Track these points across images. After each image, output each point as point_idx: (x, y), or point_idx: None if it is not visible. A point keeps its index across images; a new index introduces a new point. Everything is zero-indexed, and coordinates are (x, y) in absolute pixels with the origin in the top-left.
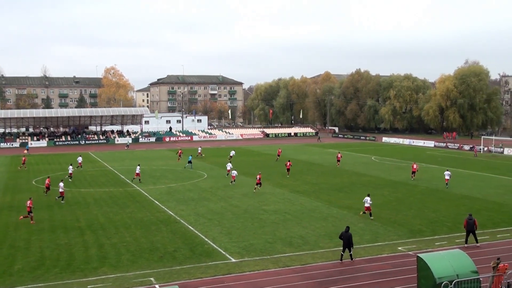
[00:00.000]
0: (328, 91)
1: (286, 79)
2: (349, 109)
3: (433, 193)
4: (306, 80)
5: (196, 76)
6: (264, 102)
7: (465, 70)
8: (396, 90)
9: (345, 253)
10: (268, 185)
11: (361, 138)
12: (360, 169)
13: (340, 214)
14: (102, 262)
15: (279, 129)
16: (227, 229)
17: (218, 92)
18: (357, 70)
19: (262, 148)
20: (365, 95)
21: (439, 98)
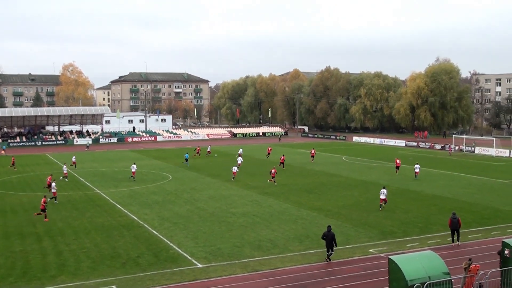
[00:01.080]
0: (297, 89)
1: (254, 76)
2: (319, 108)
3: (404, 193)
4: (275, 77)
5: (160, 73)
6: (231, 100)
7: (436, 67)
8: (367, 88)
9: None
10: (236, 187)
11: (331, 137)
12: (330, 169)
13: (310, 216)
14: (60, 270)
15: (247, 128)
16: (193, 233)
17: (183, 91)
18: (327, 68)
19: (229, 149)
20: (335, 94)
21: (410, 96)
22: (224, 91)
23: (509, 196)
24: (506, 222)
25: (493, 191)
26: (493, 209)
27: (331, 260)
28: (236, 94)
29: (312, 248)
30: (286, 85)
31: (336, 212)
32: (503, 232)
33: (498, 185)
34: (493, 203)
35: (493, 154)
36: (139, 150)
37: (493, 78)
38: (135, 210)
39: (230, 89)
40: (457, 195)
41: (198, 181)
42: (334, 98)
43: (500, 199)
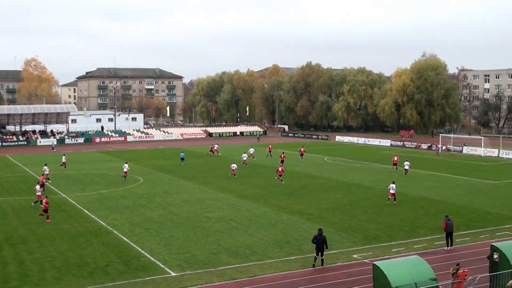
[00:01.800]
0: (276, 85)
1: (230, 72)
2: (300, 106)
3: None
4: (253, 73)
5: (130, 69)
6: (207, 98)
7: (422, 63)
8: (350, 85)
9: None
10: (212, 190)
11: (312, 137)
12: (311, 171)
13: (291, 220)
14: (23, 280)
15: (224, 127)
16: (166, 240)
17: (155, 87)
18: (308, 63)
19: (205, 149)
20: (316, 91)
21: (395, 93)
22: (199, 88)
23: (498, 198)
24: (495, 225)
25: (481, 193)
26: (481, 211)
27: (322, 265)
28: (212, 91)
29: (293, 254)
30: (265, 81)
31: (318, 215)
32: (492, 235)
33: (487, 187)
34: (481, 205)
35: (482, 154)
36: (107, 151)
37: (481, 74)
38: (103, 216)
39: (206, 86)
40: (445, 197)
41: (172, 184)
42: (316, 95)
43: (489, 201)
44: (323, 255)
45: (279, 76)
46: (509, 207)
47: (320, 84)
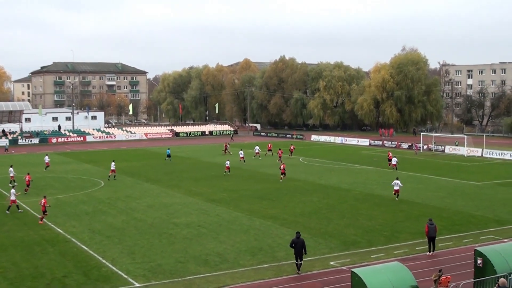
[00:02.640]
0: (248, 81)
1: (199, 67)
2: (273, 103)
3: (368, 198)
4: (223, 68)
5: (89, 63)
6: (173, 94)
7: (402, 58)
8: (326, 81)
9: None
10: (179, 194)
11: (287, 136)
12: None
13: (264, 225)
14: None
15: (191, 126)
16: (130, 248)
17: (117, 83)
18: (281, 58)
19: (171, 150)
20: (291, 87)
21: (374, 89)
22: (164, 84)
23: (482, 200)
24: (479, 229)
25: (465, 195)
26: (465, 214)
27: (298, 272)
28: (178, 87)
29: (266, 262)
30: (236, 77)
31: (292, 220)
32: (475, 239)
33: (470, 188)
34: (465, 207)
35: (465, 154)
36: (65, 152)
37: (464, 70)
38: (61, 222)
39: (172, 82)
40: (426, 200)
41: (135, 187)
42: (290, 92)
43: (473, 203)
44: (302, 260)
45: (251, 71)
46: (494, 210)
47: (295, 80)
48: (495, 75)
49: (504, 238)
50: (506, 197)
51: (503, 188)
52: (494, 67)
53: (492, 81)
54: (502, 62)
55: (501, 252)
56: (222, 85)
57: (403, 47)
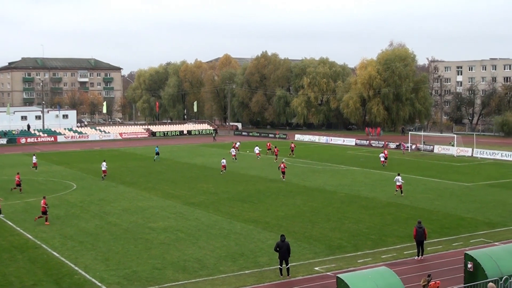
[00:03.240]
0: (228, 78)
1: (176, 63)
2: (255, 101)
3: (354, 200)
4: (202, 64)
5: (60, 59)
6: (149, 92)
7: (390, 53)
8: (310, 78)
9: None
10: (155, 197)
11: (269, 135)
12: (268, 174)
13: (245, 229)
14: None
15: (169, 126)
16: (104, 254)
17: (90, 80)
18: (263, 53)
19: (147, 151)
20: (273, 84)
21: (361, 87)
22: (140, 80)
23: (473, 202)
24: (469, 232)
25: (454, 196)
26: (454, 217)
27: (288, 276)
28: (155, 85)
29: (248, 267)
30: (215, 73)
31: (275, 224)
32: (465, 243)
33: (460, 189)
34: (454, 210)
35: (454, 154)
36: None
37: (453, 66)
38: (30, 228)
39: (148, 79)
40: (415, 202)
41: (109, 190)
42: (272, 89)
43: (463, 205)
44: (288, 264)
45: (231, 68)
46: (484, 212)
47: (277, 77)
48: (486, 72)
49: (495, 241)
50: (497, 198)
51: (494, 189)
52: (485, 64)
53: (482, 78)
54: (492, 58)
55: (492, 256)
56: (201, 82)
57: (390, 42)
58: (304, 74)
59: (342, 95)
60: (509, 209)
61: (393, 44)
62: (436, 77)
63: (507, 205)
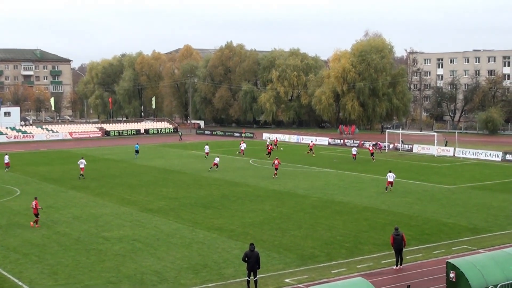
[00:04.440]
0: (189, 71)
1: (132, 55)
2: (219, 97)
3: (327, 205)
4: (160, 56)
5: (1, 50)
6: (102, 87)
7: (365, 44)
8: (280, 71)
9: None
10: (110, 203)
11: (234, 134)
12: (234, 177)
13: (209, 238)
14: None
15: (124, 124)
16: (52, 267)
17: (35, 73)
18: (228, 44)
19: (100, 152)
20: (239, 77)
21: (334, 80)
22: (92, 74)
23: (455, 206)
24: (451, 238)
25: (435, 200)
26: (435, 222)
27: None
28: (108, 78)
29: (212, 280)
30: (175, 66)
31: (242, 232)
32: (447, 250)
33: (441, 192)
34: (435, 214)
35: (435, 154)
36: None
37: (433, 58)
38: None
39: (101, 72)
40: (392, 206)
41: (58, 196)
42: (238, 84)
43: (444, 210)
44: (256, 276)
45: (193, 60)
46: (468, 217)
47: (243, 70)
48: (468, 64)
49: (480, 248)
50: (481, 202)
51: (478, 192)
52: (467, 55)
53: (464, 71)
54: (476, 50)
55: (476, 264)
56: (160, 75)
57: (365, 32)
58: (272, 67)
59: (314, 90)
60: (494, 213)
61: (369, 34)
62: (415, 70)
63: (492, 209)
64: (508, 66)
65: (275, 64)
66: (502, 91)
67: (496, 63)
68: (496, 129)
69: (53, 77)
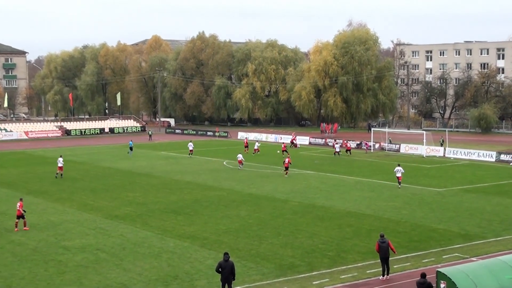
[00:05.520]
0: (158, 64)
1: (95, 46)
2: (190, 92)
3: (308, 210)
4: (126, 48)
5: None
6: (62, 81)
7: (348, 35)
8: (256, 64)
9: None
10: (71, 209)
11: (207, 134)
12: (206, 180)
13: (180, 247)
14: None
15: (87, 122)
16: (5, 280)
17: None
18: (200, 35)
19: (60, 153)
20: (212, 71)
21: (315, 74)
22: (50, 67)
23: (445, 210)
24: (441, 245)
25: (424, 204)
26: (424, 228)
27: None
28: (69, 72)
29: None
30: (143, 58)
31: (215, 240)
32: (437, 259)
33: (430, 195)
34: (424, 220)
35: (424, 154)
36: None
37: (422, 50)
38: None
39: (60, 65)
40: (379, 211)
41: (12, 201)
42: (211, 78)
43: (434, 215)
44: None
45: (162, 52)
46: (459, 222)
47: (217, 63)
48: (459, 57)
49: (472, 256)
50: (474, 206)
51: (470, 195)
52: (458, 47)
53: (455, 64)
54: (467, 41)
55: (469, 273)
56: (126, 69)
57: (349, 22)
58: (248, 60)
59: (293, 85)
60: (488, 218)
61: (352, 24)
62: (402, 63)
63: (485, 214)
64: (502, 59)
65: (251, 57)
66: (496, 86)
67: (489, 55)
68: (490, 127)
69: (6, 70)
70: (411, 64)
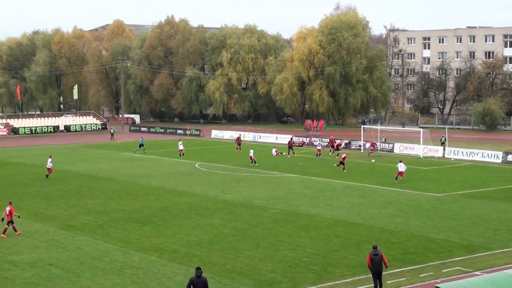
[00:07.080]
0: (121, 53)
1: (47, 32)
2: (157, 85)
3: (291, 218)
4: (83, 34)
5: None
6: (8, 72)
7: (335, 20)
8: (232, 52)
9: None
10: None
11: (177, 132)
12: (176, 185)
13: (145, 261)
14: None
15: (38, 119)
16: None
17: None
18: (169, 19)
19: (7, 154)
20: (182, 61)
21: (298, 64)
22: None
23: (445, 218)
24: (440, 258)
25: (421, 211)
26: (421, 238)
27: None
28: (16, 62)
29: None
30: (103, 46)
31: (186, 253)
32: (436, 273)
33: (428, 202)
34: (421, 229)
35: (420, 154)
36: None
37: (418, 37)
38: None
39: (6, 54)
40: (370, 219)
41: None
42: (181, 68)
43: (432, 223)
44: None
45: (125, 39)
46: (460, 232)
47: (188, 51)
48: (461, 45)
49: (476, 270)
50: (477, 213)
51: (473, 201)
52: (459, 34)
53: (456, 52)
54: (470, 27)
55: None
56: (83, 58)
57: (336, 5)
58: (223, 48)
59: (274, 76)
60: (493, 227)
61: (340, 8)
62: (396, 52)
63: (490, 222)
64: (509, 46)
65: (226, 44)
66: (502, 78)
67: (494, 43)
68: (495, 123)
69: None
70: (406, 52)
